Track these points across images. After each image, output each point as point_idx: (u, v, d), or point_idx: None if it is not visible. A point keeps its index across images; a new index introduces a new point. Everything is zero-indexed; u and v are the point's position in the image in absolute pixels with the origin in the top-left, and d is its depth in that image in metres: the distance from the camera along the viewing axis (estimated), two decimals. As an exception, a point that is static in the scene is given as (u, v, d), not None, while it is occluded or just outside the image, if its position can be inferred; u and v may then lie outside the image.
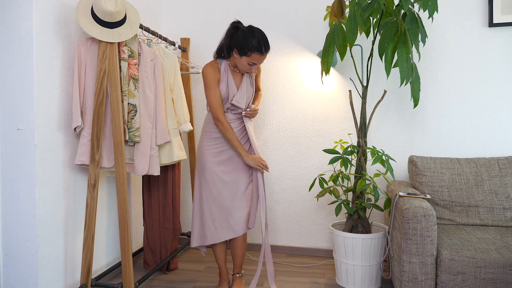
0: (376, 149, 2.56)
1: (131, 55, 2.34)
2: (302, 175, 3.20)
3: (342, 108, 3.11)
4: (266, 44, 2.30)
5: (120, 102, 2.23)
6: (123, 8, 2.24)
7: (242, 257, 2.54)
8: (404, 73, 2.29)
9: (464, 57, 2.92)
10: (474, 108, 2.91)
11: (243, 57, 2.31)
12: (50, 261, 2.20)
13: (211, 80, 2.37)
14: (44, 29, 2.12)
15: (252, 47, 2.26)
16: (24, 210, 2.11)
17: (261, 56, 2.30)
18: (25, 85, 2.07)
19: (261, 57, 2.31)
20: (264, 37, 2.30)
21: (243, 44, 2.27)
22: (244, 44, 2.27)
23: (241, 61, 2.33)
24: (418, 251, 2.09)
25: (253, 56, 2.29)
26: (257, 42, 2.26)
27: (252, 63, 2.32)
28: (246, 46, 2.27)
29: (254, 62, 2.32)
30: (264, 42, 2.29)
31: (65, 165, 2.29)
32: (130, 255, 2.24)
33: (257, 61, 2.32)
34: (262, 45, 2.28)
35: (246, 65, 2.33)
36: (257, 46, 2.26)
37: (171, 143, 2.57)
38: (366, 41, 2.95)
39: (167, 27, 3.40)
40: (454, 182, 2.62)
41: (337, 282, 2.67)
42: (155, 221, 2.80)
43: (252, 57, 2.29)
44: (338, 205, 2.59)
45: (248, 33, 2.28)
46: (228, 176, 2.42)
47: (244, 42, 2.27)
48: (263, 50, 2.28)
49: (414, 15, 2.30)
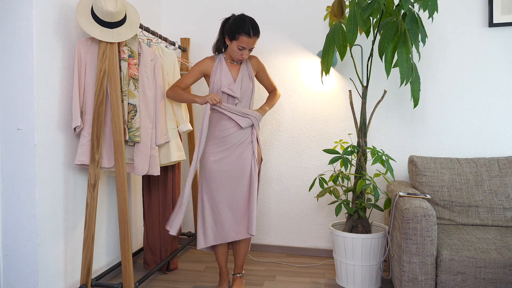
0: (376, 149, 2.56)
1: (131, 55, 2.34)
2: (302, 175, 3.20)
3: (342, 108, 3.11)
4: (254, 28, 2.36)
5: (120, 102, 2.23)
6: (123, 8, 2.24)
7: (244, 257, 2.54)
8: (404, 73, 2.29)
9: (464, 57, 2.92)
10: (474, 108, 2.91)
11: (233, 41, 2.38)
12: (50, 261, 2.20)
13: (196, 67, 2.50)
14: (44, 29, 2.12)
15: (240, 30, 2.34)
16: (24, 210, 2.11)
17: (249, 39, 2.36)
18: (25, 85, 2.07)
19: (249, 40, 2.36)
20: (253, 22, 2.38)
21: (233, 28, 2.36)
22: (234, 28, 2.36)
23: (232, 47, 2.40)
24: (418, 251, 2.09)
25: (241, 39, 2.35)
26: (246, 26, 2.34)
27: (241, 47, 2.38)
28: (235, 30, 2.35)
29: (243, 46, 2.37)
30: (253, 26, 2.36)
31: (65, 165, 2.29)
32: (130, 255, 2.24)
33: (246, 44, 2.37)
34: (250, 29, 2.34)
35: (237, 50, 2.39)
36: (246, 29, 2.34)
37: (169, 144, 2.57)
38: (366, 41, 2.95)
39: (167, 27, 3.40)
40: (454, 182, 2.62)
41: (337, 282, 2.67)
42: (155, 221, 2.80)
43: (241, 40, 2.35)
44: (338, 205, 2.59)
45: (239, 19, 2.38)
46: (227, 176, 2.42)
47: (234, 27, 2.36)
48: (251, 33, 2.35)
49: (414, 15, 2.30)
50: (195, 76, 2.50)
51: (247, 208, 2.42)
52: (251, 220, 2.40)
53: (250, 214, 2.41)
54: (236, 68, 2.49)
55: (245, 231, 2.42)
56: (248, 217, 2.41)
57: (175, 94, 2.50)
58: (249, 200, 2.42)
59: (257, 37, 2.39)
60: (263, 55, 3.20)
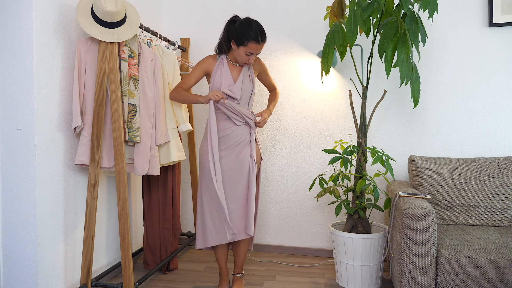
0: (376, 149, 2.56)
1: (131, 55, 2.34)
2: (302, 175, 3.20)
3: (342, 108, 3.11)
4: (262, 34, 2.35)
5: (120, 102, 2.23)
6: (123, 8, 2.24)
7: (244, 257, 2.54)
8: (404, 73, 2.29)
9: (464, 57, 2.92)
10: (474, 108, 2.91)
11: (241, 47, 2.36)
12: (50, 261, 2.20)
13: (198, 66, 2.49)
14: (44, 29, 2.12)
15: (248, 37, 2.32)
16: (24, 210, 2.11)
17: (257, 45, 2.35)
18: (25, 85, 2.07)
19: (257, 46, 2.35)
20: (260, 27, 2.36)
21: (240, 34, 2.33)
22: (241, 34, 2.33)
23: (239, 51, 2.38)
24: (418, 251, 2.09)
25: (250, 46, 2.34)
26: (253, 31, 2.32)
27: (249, 52, 2.37)
28: (243, 35, 2.32)
29: (251, 52, 2.36)
30: (261, 32, 2.35)
31: (65, 165, 2.29)
32: (130, 255, 2.24)
33: (254, 50, 2.36)
34: (259, 35, 2.33)
35: (244, 55, 2.38)
36: (254, 36, 2.32)
37: (169, 144, 2.57)
38: (366, 41, 2.95)
39: (167, 27, 3.40)
40: (454, 182, 2.62)
41: (337, 282, 2.67)
42: (155, 221, 2.80)
43: (249, 46, 2.34)
44: (338, 205, 2.59)
45: (245, 24, 2.35)
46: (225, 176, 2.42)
47: (241, 32, 2.33)
48: (259, 39, 2.34)
49: (414, 15, 2.30)
50: (197, 75, 2.49)
51: (245, 209, 2.42)
52: (249, 220, 2.40)
53: (248, 214, 2.40)
54: (238, 70, 2.49)
55: (244, 232, 2.42)
56: (246, 217, 2.41)
57: (178, 95, 2.49)
58: (248, 200, 2.42)
59: (264, 42, 2.38)
60: (263, 55, 3.20)
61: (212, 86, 2.47)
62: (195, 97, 2.45)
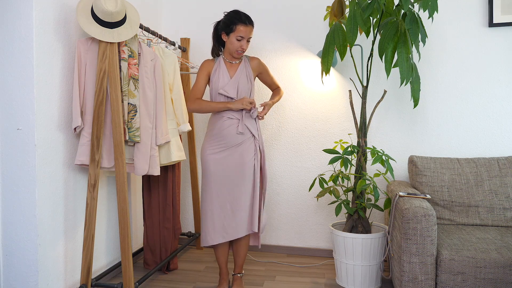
0: (376, 149, 2.56)
1: (131, 55, 2.34)
2: (302, 175, 3.20)
3: (342, 108, 3.11)
4: (248, 18, 2.42)
5: (120, 102, 2.23)
6: (123, 8, 2.24)
7: (244, 257, 2.55)
8: (404, 73, 2.29)
9: (464, 57, 2.92)
10: (474, 108, 2.91)
11: (230, 34, 2.41)
12: (50, 261, 2.20)
13: (200, 71, 2.52)
14: (44, 29, 2.12)
15: (236, 20, 2.39)
16: (24, 210, 2.10)
17: (246, 28, 2.39)
18: (25, 85, 2.07)
19: (246, 29, 2.40)
20: (246, 14, 2.43)
21: (227, 22, 2.41)
22: (228, 21, 2.41)
23: (230, 40, 2.42)
24: (418, 251, 2.09)
25: (238, 29, 2.38)
26: (239, 15, 2.40)
27: (240, 37, 2.40)
28: (231, 22, 2.40)
29: (241, 36, 2.40)
30: (246, 16, 2.42)
31: (65, 165, 2.29)
32: (130, 255, 2.24)
33: (244, 33, 2.40)
34: (245, 18, 2.40)
35: (235, 42, 2.41)
36: (240, 18, 2.39)
37: (169, 144, 2.57)
38: (366, 41, 2.95)
39: (167, 27, 3.40)
40: (454, 182, 2.62)
41: (337, 282, 2.67)
42: (155, 221, 2.80)
43: (238, 29, 2.39)
44: (338, 205, 2.59)
45: (231, 12, 2.47)
46: (228, 175, 2.42)
47: (228, 20, 2.41)
48: (246, 22, 2.40)
49: (414, 15, 2.30)
50: (203, 79, 2.51)
51: (248, 207, 2.43)
52: (253, 217, 2.41)
53: (252, 211, 2.41)
54: (234, 68, 2.51)
55: (246, 229, 2.43)
56: (250, 214, 2.42)
57: (201, 107, 2.48)
58: (252, 198, 2.43)
59: (252, 26, 2.43)
60: (263, 55, 3.20)
61: (211, 86, 2.48)
62: (223, 105, 2.43)
